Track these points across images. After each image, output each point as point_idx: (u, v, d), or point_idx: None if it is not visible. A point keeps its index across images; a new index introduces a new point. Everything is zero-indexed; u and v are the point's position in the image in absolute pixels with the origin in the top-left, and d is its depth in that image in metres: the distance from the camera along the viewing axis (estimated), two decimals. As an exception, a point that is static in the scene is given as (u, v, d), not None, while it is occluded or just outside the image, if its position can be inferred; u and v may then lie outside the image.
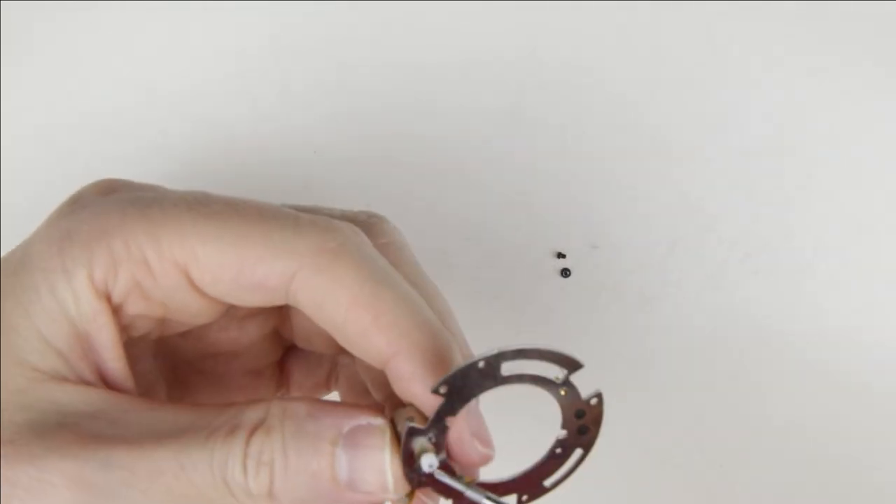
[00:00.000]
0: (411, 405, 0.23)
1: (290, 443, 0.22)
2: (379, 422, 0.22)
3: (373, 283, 0.23)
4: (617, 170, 0.35)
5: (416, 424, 0.22)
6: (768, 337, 0.34)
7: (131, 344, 0.24)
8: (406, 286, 0.23)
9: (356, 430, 0.22)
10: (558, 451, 0.23)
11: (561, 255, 0.35)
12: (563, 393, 0.23)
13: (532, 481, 0.24)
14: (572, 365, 0.22)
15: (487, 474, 0.24)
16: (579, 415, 0.23)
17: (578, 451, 0.24)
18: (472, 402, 0.22)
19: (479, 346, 0.35)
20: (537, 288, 0.34)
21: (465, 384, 0.21)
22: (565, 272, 0.35)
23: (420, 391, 0.22)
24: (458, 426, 0.22)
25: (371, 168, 0.35)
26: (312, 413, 0.22)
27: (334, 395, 0.29)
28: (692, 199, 0.35)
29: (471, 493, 0.23)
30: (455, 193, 0.35)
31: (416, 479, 0.22)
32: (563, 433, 0.23)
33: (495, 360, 0.21)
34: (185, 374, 0.27)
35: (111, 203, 0.23)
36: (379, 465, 0.22)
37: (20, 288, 0.22)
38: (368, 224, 0.26)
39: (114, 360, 0.23)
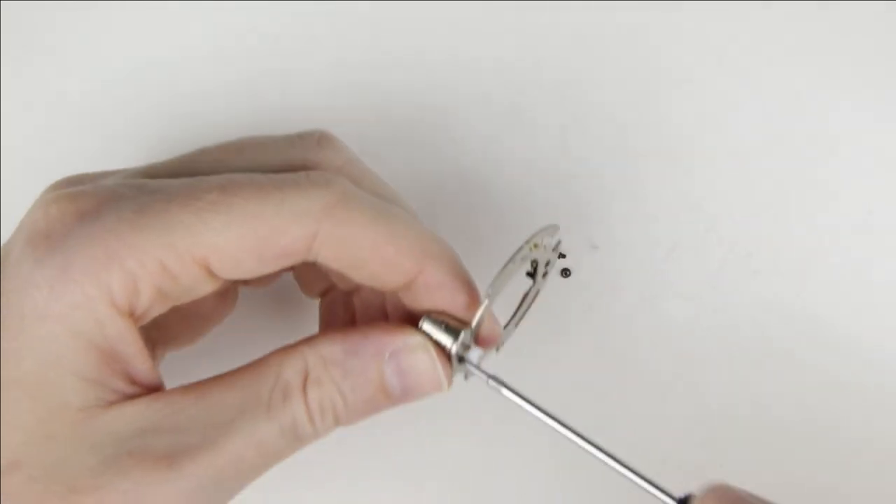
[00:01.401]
0: (437, 311, 0.26)
1: (343, 385, 0.24)
2: (416, 339, 0.25)
3: (384, 220, 0.25)
4: (617, 170, 0.35)
5: (456, 325, 0.25)
6: (769, 337, 0.34)
7: None
8: (399, 209, 0.26)
9: (396, 353, 0.25)
10: (525, 299, 0.29)
11: (561, 255, 0.35)
12: (544, 251, 0.28)
13: (507, 331, 0.29)
14: (555, 230, 0.28)
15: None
16: (547, 264, 0.29)
17: (537, 292, 0.30)
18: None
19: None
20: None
21: (500, 284, 0.25)
22: (565, 272, 0.35)
23: (452, 295, 0.25)
24: (489, 317, 0.26)
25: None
26: (349, 351, 0.25)
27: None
28: (692, 199, 0.35)
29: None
30: (455, 193, 0.35)
31: (461, 370, 0.26)
32: (531, 283, 0.29)
33: (525, 254, 0.26)
34: (161, 318, 0.28)
35: (98, 227, 0.23)
36: (430, 374, 0.25)
37: (38, 341, 0.22)
38: (323, 143, 0.27)
39: (142, 364, 0.24)
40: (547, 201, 0.35)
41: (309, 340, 0.25)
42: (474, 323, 0.25)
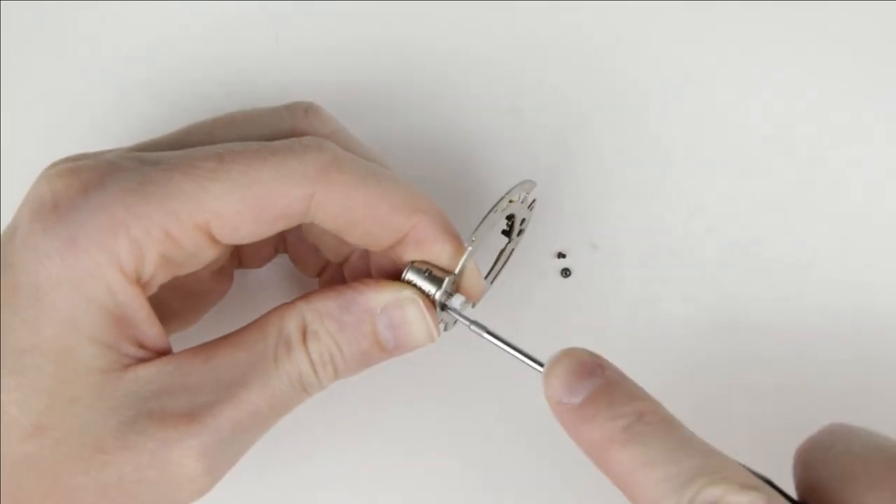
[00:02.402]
0: (421, 261, 0.27)
1: (338, 338, 0.26)
2: (406, 293, 0.26)
3: (375, 180, 0.26)
4: (617, 170, 0.35)
5: (441, 274, 0.27)
6: (769, 336, 0.34)
7: None
8: (388, 170, 0.27)
9: (388, 308, 0.26)
10: (501, 255, 0.31)
11: (561, 255, 0.35)
12: (519, 207, 0.29)
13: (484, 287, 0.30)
14: (532, 185, 0.29)
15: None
16: (522, 220, 0.30)
17: (512, 250, 0.31)
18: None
19: (480, 347, 0.35)
20: (537, 288, 0.34)
21: (483, 233, 0.27)
22: (565, 272, 0.34)
23: (441, 247, 0.27)
24: (471, 267, 0.28)
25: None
26: (343, 306, 0.26)
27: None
28: (692, 200, 0.35)
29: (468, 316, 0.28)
30: (455, 194, 0.35)
31: (446, 318, 0.28)
32: (507, 241, 0.31)
33: (504, 204, 0.28)
34: (160, 294, 0.29)
35: (104, 197, 0.24)
36: (421, 326, 0.27)
37: (56, 308, 0.23)
38: (310, 113, 0.28)
39: (151, 329, 0.25)
40: (547, 201, 0.35)
41: (305, 297, 0.26)
42: (458, 269, 0.27)
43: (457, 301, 0.27)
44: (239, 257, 0.32)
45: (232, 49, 0.36)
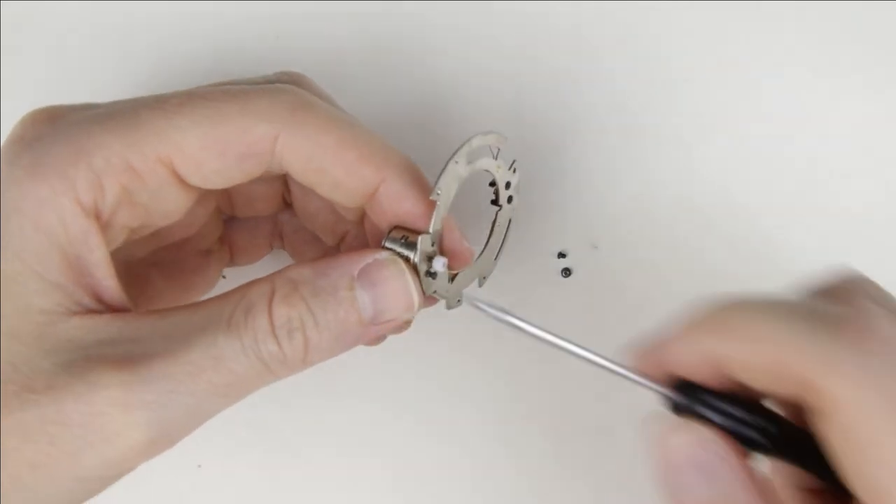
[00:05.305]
0: (396, 227, 0.26)
1: (312, 302, 0.23)
2: (384, 255, 0.25)
3: (348, 126, 0.25)
4: (617, 170, 0.35)
5: (416, 238, 0.25)
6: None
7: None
8: (362, 124, 0.26)
9: (366, 269, 0.24)
10: (496, 227, 0.29)
11: (561, 255, 0.35)
12: (498, 168, 0.27)
13: (486, 262, 0.29)
14: (503, 140, 0.27)
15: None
16: (508, 185, 0.28)
17: (508, 220, 0.29)
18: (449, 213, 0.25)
19: (479, 346, 0.35)
20: (537, 288, 0.34)
21: (447, 184, 0.25)
22: (565, 272, 0.35)
23: (413, 203, 0.25)
24: (450, 224, 0.26)
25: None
26: (319, 271, 0.24)
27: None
28: (692, 199, 0.35)
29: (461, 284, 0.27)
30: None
31: (429, 285, 0.26)
32: (497, 209, 0.28)
33: (463, 154, 0.25)
34: (142, 270, 0.28)
35: (69, 127, 0.23)
36: (403, 288, 0.24)
37: (8, 238, 0.22)
38: (295, 81, 0.27)
39: (107, 279, 0.24)
40: (547, 201, 0.35)
41: (279, 270, 0.25)
42: (431, 227, 0.25)
43: (439, 264, 0.25)
44: (230, 250, 0.31)
45: (232, 49, 0.36)
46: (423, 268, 0.25)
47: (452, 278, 0.27)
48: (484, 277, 0.29)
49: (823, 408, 0.20)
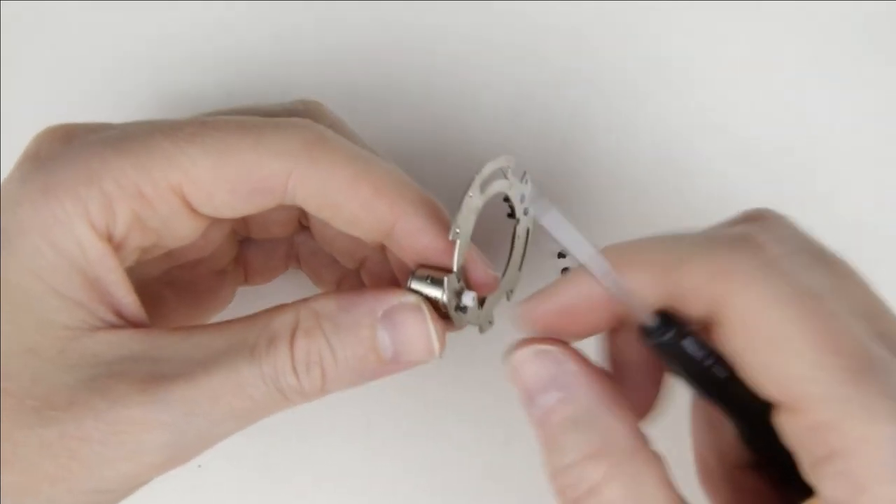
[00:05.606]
0: (421, 266, 0.25)
1: (332, 339, 0.23)
2: (411, 298, 0.25)
3: (362, 161, 0.24)
4: (617, 170, 0.35)
5: (442, 275, 0.25)
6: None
7: None
8: (378, 157, 0.25)
9: (391, 310, 0.24)
10: (516, 239, 0.29)
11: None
12: (511, 188, 0.27)
13: (511, 276, 0.29)
14: (510, 160, 0.27)
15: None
16: (523, 199, 0.28)
17: (526, 230, 0.29)
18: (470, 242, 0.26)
19: (480, 347, 0.35)
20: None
21: (465, 219, 0.25)
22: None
23: (433, 239, 0.25)
24: (473, 257, 0.26)
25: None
26: (342, 307, 0.24)
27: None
28: (692, 199, 0.35)
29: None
30: (454, 194, 0.35)
31: (460, 319, 0.26)
32: (515, 222, 0.29)
33: (476, 185, 0.25)
34: (155, 288, 0.28)
35: (83, 148, 0.23)
36: (424, 333, 0.24)
37: (21, 254, 0.22)
38: (311, 111, 0.27)
39: (126, 297, 0.24)
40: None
41: (305, 299, 0.25)
42: (455, 265, 0.25)
43: (468, 298, 0.25)
44: (245, 270, 0.31)
45: (232, 49, 0.36)
46: (452, 304, 0.25)
47: (481, 303, 0.27)
48: (511, 290, 0.29)
49: (724, 316, 0.21)
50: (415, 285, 0.25)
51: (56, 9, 0.36)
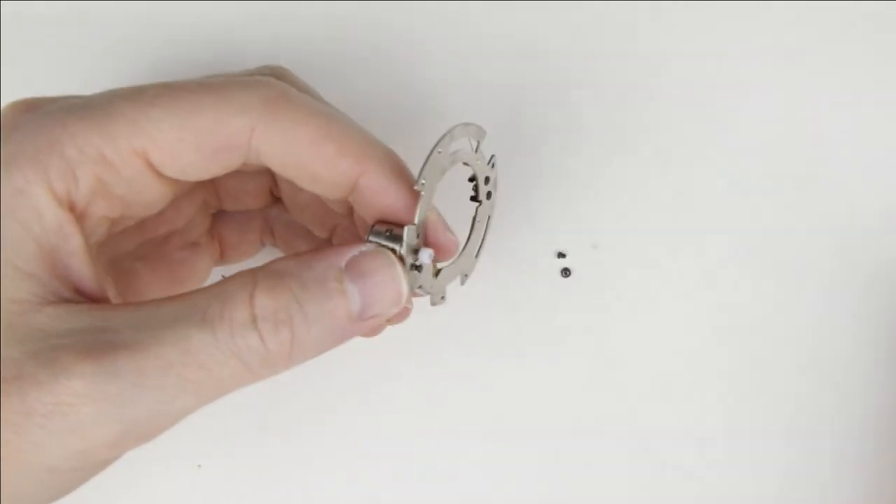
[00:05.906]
0: (380, 221, 0.25)
1: (299, 293, 0.22)
2: (370, 246, 0.24)
3: (325, 118, 0.24)
4: (617, 170, 0.35)
5: (401, 231, 0.24)
6: (769, 337, 0.34)
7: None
8: (342, 114, 0.25)
9: (354, 260, 0.24)
10: (476, 223, 0.29)
11: (561, 255, 0.35)
12: (477, 161, 0.27)
13: (467, 260, 0.29)
14: (481, 133, 0.27)
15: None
16: (487, 181, 0.28)
17: (487, 216, 0.29)
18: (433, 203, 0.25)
19: (480, 347, 0.35)
20: (537, 288, 0.34)
21: (431, 174, 0.25)
22: (565, 272, 0.34)
23: (395, 195, 0.25)
24: (434, 216, 0.26)
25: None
26: (303, 263, 0.23)
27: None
28: (692, 200, 0.35)
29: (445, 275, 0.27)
30: (455, 194, 0.35)
31: (414, 279, 0.25)
32: (477, 205, 0.28)
33: (446, 144, 0.25)
34: (128, 263, 0.28)
35: (44, 117, 0.23)
36: (392, 279, 0.24)
37: None
38: (277, 74, 0.27)
39: (84, 269, 0.23)
40: (547, 201, 0.35)
41: (262, 265, 0.24)
42: (416, 218, 0.25)
43: (425, 256, 0.25)
44: (220, 245, 0.31)
45: (232, 48, 0.36)
46: (408, 260, 0.25)
47: (437, 273, 0.27)
48: (466, 275, 0.29)
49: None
50: (372, 238, 0.25)
51: (56, 9, 0.36)
